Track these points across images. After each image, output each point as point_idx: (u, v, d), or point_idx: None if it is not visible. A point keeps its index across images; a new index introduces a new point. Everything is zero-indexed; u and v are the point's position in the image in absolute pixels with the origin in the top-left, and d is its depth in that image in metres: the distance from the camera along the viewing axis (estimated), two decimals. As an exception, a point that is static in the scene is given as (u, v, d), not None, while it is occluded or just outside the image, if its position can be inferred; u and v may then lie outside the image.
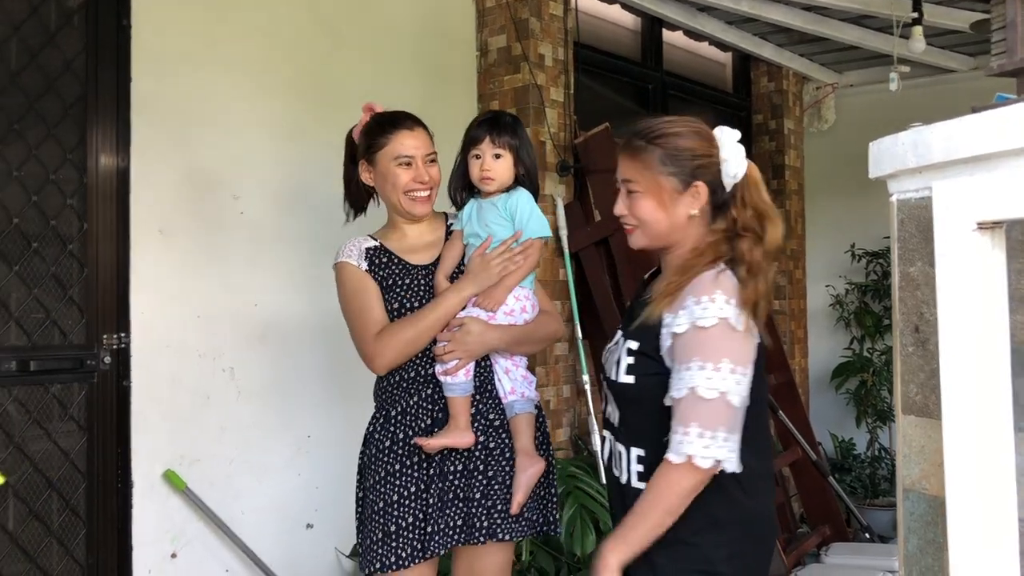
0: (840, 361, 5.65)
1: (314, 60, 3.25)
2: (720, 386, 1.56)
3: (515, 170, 2.12)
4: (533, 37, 3.74)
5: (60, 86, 2.64)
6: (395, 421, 2.14)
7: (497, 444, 2.13)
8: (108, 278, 2.70)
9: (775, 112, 5.58)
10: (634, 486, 1.68)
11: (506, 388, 2.15)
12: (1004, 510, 1.18)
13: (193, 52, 2.89)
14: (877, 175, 1.49)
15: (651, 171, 1.69)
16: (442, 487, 2.09)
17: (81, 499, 2.65)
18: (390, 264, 2.19)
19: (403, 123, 2.19)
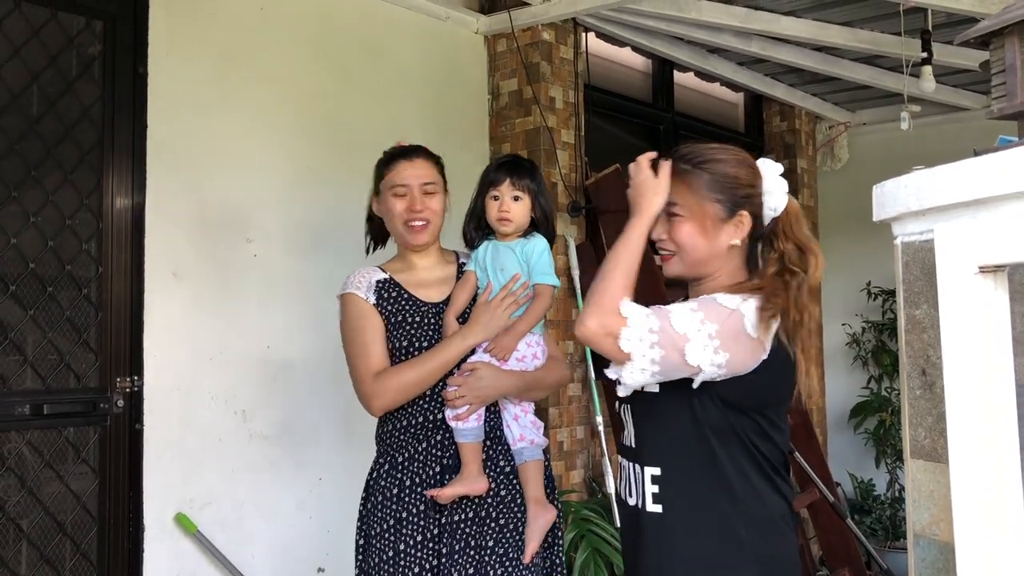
0: (858, 400, 5.60)
1: (326, 105, 3.30)
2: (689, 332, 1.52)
3: (532, 214, 2.13)
4: (544, 81, 3.78)
5: (77, 133, 2.68)
6: (402, 467, 2.10)
7: (508, 491, 2.10)
8: (122, 321, 2.72)
9: (788, 151, 5.59)
10: (648, 510, 1.64)
11: (515, 434, 2.13)
12: (1014, 556, 1.16)
13: (207, 98, 2.94)
14: (881, 218, 1.49)
15: (696, 195, 1.64)
16: (454, 535, 2.05)
17: (93, 543, 2.65)
18: (399, 299, 2.17)
19: (405, 154, 2.23)
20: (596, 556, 3.09)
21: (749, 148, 5.50)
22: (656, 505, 1.63)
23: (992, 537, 1.16)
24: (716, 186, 1.64)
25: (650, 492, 1.64)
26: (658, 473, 1.63)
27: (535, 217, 2.13)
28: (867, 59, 4.74)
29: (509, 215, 2.10)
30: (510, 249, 2.12)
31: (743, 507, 1.60)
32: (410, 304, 2.17)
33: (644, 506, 1.64)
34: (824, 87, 5.36)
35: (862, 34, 4.21)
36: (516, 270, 2.10)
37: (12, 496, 2.51)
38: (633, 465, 1.69)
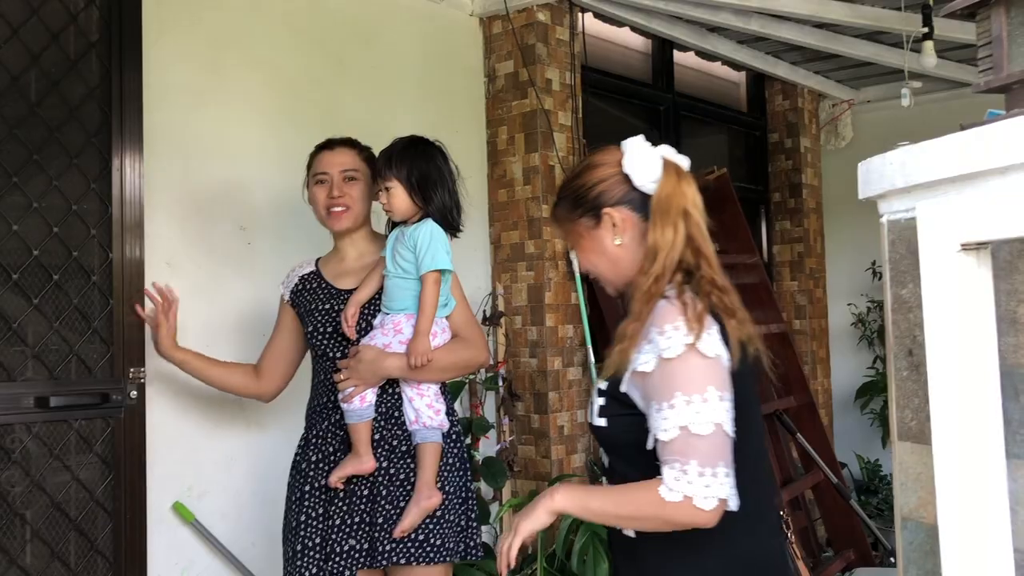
0: (864, 381, 5.57)
1: (320, 90, 3.28)
2: (714, 417, 1.45)
3: (412, 200, 2.17)
4: (540, 62, 3.74)
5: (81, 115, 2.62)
6: (311, 444, 2.27)
7: (400, 470, 2.18)
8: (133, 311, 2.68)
9: (791, 130, 5.54)
10: (626, 533, 1.61)
11: (410, 416, 2.20)
12: (998, 540, 1.14)
13: (199, 84, 2.92)
14: (867, 196, 1.46)
15: (570, 223, 1.67)
16: (347, 511, 2.17)
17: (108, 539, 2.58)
18: (317, 289, 2.34)
19: (328, 145, 2.37)
20: (595, 540, 3.08)
21: (751, 127, 5.50)
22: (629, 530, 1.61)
23: (975, 520, 1.14)
24: (571, 204, 1.65)
25: None
26: None
27: (417, 204, 2.18)
28: (869, 35, 4.68)
29: (386, 207, 2.20)
30: (408, 233, 2.18)
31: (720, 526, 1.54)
32: (324, 292, 2.32)
33: (622, 528, 1.62)
34: (827, 65, 5.30)
35: (863, 10, 4.15)
36: (406, 259, 2.16)
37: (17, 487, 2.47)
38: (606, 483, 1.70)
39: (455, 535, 2.21)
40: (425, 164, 2.20)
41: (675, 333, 1.48)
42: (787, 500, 4.06)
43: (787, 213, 5.54)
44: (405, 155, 2.19)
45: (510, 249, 3.80)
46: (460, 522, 2.24)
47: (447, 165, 2.26)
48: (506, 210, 3.81)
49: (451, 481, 2.25)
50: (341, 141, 2.38)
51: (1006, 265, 1.21)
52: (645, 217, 1.61)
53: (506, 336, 3.79)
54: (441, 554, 2.17)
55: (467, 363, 2.32)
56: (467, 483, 2.29)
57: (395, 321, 2.20)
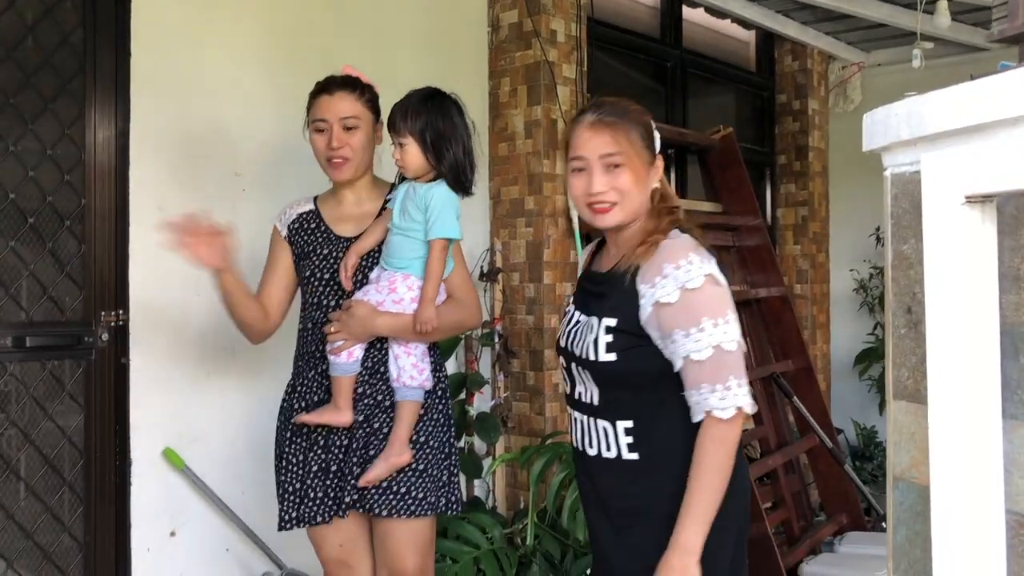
0: (863, 347, 5.54)
1: (318, 35, 3.21)
2: (736, 336, 1.66)
3: (427, 158, 2.10)
4: (545, 12, 3.66)
5: (57, 61, 2.60)
6: (298, 392, 2.27)
7: (383, 424, 2.17)
8: (106, 255, 2.67)
9: (799, 92, 5.46)
10: (626, 458, 1.74)
11: (393, 374, 2.17)
12: (990, 501, 1.11)
13: (193, 27, 2.86)
14: (871, 148, 1.42)
15: (633, 146, 1.74)
16: (324, 459, 2.18)
17: (79, 476, 2.65)
18: (316, 231, 2.28)
19: (327, 88, 2.26)
20: (587, 497, 3.07)
21: (759, 88, 5.42)
22: (633, 453, 1.74)
23: (968, 481, 1.11)
24: (642, 135, 1.76)
25: (625, 443, 1.74)
26: (631, 426, 1.73)
27: (430, 162, 2.11)
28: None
29: (399, 163, 2.14)
30: (415, 192, 2.12)
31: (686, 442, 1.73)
32: (324, 236, 2.26)
33: (621, 455, 1.75)
34: (837, 25, 5.20)
35: (877, -32, 4.06)
36: (415, 219, 2.11)
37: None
38: (595, 420, 1.77)
39: (436, 489, 2.21)
40: (441, 120, 2.12)
41: (691, 266, 1.66)
42: (782, 463, 4.05)
43: (792, 176, 5.48)
44: (421, 110, 2.10)
45: (509, 204, 3.76)
46: (442, 477, 2.22)
47: (463, 120, 2.16)
48: (506, 164, 3.76)
49: (435, 436, 2.23)
50: (341, 83, 2.26)
51: (1012, 220, 1.17)
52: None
53: (503, 292, 3.76)
54: (423, 507, 2.17)
55: (460, 325, 2.29)
56: (450, 439, 2.27)
57: (391, 279, 2.16)
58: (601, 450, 1.77)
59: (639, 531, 1.74)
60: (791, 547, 3.88)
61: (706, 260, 1.69)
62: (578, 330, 1.81)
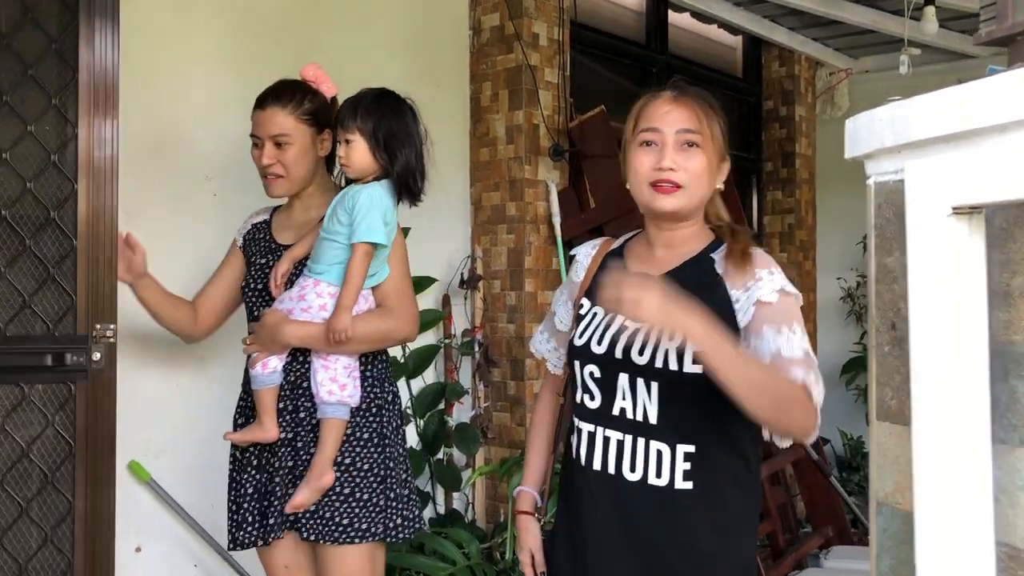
0: (851, 356, 5.49)
1: (296, 36, 3.14)
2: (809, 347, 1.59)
3: (375, 157, 2.00)
4: (527, 16, 3.60)
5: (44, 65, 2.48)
6: (239, 409, 2.22)
7: (308, 443, 2.06)
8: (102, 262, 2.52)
9: (786, 98, 5.41)
10: (679, 487, 1.59)
11: (314, 388, 2.05)
12: (979, 531, 1.05)
13: (164, 26, 2.78)
14: (853, 155, 1.35)
15: (712, 131, 1.66)
16: (258, 480, 2.12)
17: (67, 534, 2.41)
18: (263, 241, 2.23)
19: (260, 102, 2.18)
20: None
21: (746, 94, 5.37)
22: (688, 482, 1.60)
23: (955, 509, 1.05)
24: (721, 127, 1.68)
25: (682, 469, 1.60)
26: (692, 450, 1.60)
27: (379, 162, 2.02)
28: (869, 1, 4.54)
29: (344, 161, 2.02)
30: (350, 194, 2.01)
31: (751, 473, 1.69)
32: (266, 246, 2.21)
33: (674, 483, 1.60)
34: (825, 31, 5.16)
35: (865, -27, 4.01)
36: (340, 222, 2.00)
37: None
38: (648, 441, 1.61)
39: (368, 515, 2.05)
40: (395, 121, 2.03)
41: (780, 275, 1.63)
42: (767, 475, 3.99)
43: (779, 183, 5.43)
44: (373, 108, 2.01)
45: (490, 211, 3.69)
46: (378, 502, 2.07)
47: (416, 126, 2.08)
48: (487, 170, 3.69)
49: (364, 458, 2.07)
50: (275, 96, 2.15)
51: (1001, 233, 1.10)
52: None
53: (484, 300, 3.69)
54: (349, 534, 2.03)
55: (386, 336, 2.10)
56: (386, 460, 2.10)
57: (303, 285, 2.05)
58: (649, 476, 1.60)
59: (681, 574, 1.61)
60: (776, 560, 3.81)
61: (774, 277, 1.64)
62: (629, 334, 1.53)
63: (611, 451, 1.64)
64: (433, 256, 3.61)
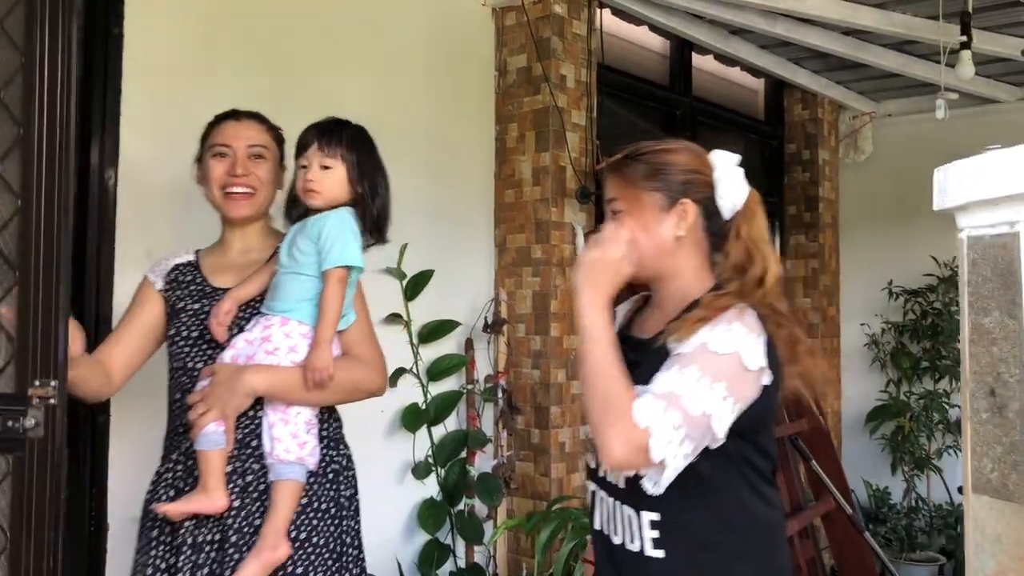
0: (875, 404, 5.36)
1: (318, 77, 3.07)
2: (707, 407, 1.39)
3: (351, 188, 1.82)
4: (555, 57, 3.54)
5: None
6: (164, 480, 1.85)
7: (256, 513, 1.76)
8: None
9: (809, 142, 5.35)
10: (648, 555, 1.51)
11: (266, 446, 1.77)
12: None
13: (186, 64, 2.72)
14: (944, 207, 1.26)
15: (634, 187, 1.55)
16: (196, 561, 1.75)
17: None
18: (191, 284, 1.93)
19: (232, 114, 1.98)
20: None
21: (768, 137, 5.31)
22: (659, 550, 1.51)
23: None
24: (653, 174, 1.56)
25: (649, 537, 1.52)
26: (657, 519, 1.51)
27: (356, 193, 1.82)
28: (896, 45, 4.49)
29: (316, 185, 1.80)
30: (311, 222, 1.81)
31: (742, 534, 1.53)
32: (198, 290, 1.92)
33: (644, 551, 1.53)
34: (849, 75, 5.10)
35: (895, 17, 3.95)
36: (305, 253, 1.78)
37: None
38: (621, 505, 1.56)
39: None
40: (372, 156, 1.88)
41: (727, 331, 1.44)
42: (798, 530, 3.85)
43: (802, 227, 5.34)
44: (357, 138, 1.85)
45: (515, 253, 3.60)
46: None
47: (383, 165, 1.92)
48: (513, 211, 3.61)
49: (321, 532, 1.81)
50: (249, 113, 1.99)
51: None
52: (706, 227, 1.57)
53: (508, 345, 3.59)
54: None
55: (357, 386, 1.86)
56: (342, 534, 1.85)
57: (266, 324, 1.80)
58: (625, 540, 1.55)
59: None
60: (807, 619, 3.67)
61: (750, 337, 1.44)
62: None
63: (604, 512, 1.61)
64: (456, 299, 3.52)
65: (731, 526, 1.51)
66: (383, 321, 3.28)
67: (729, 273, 1.54)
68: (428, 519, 3.29)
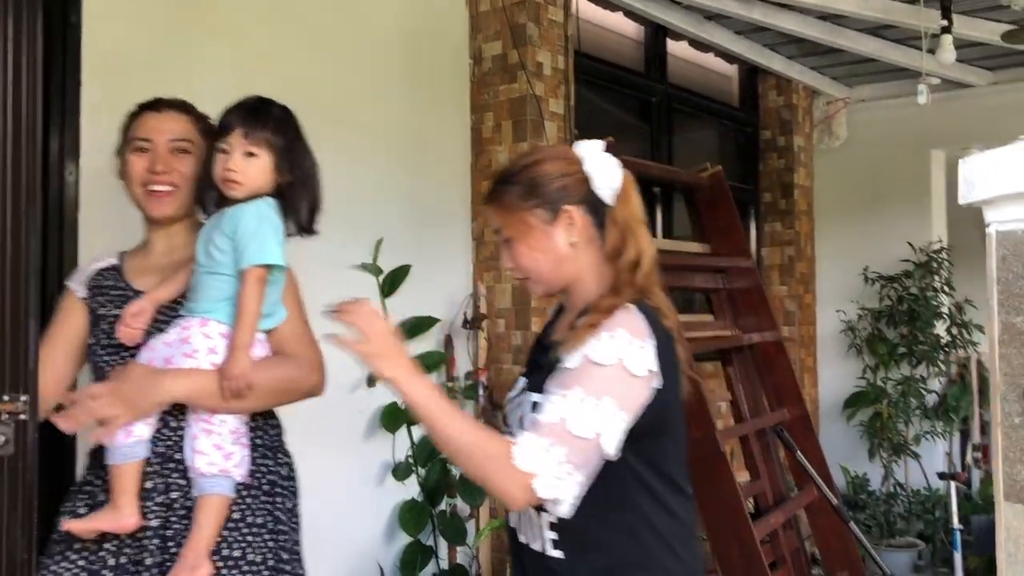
0: (853, 391, 5.36)
1: (289, 67, 2.96)
2: (597, 426, 1.39)
3: (276, 177, 1.66)
4: (531, 44, 3.45)
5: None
6: (82, 493, 1.71)
7: (179, 533, 1.62)
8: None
9: (784, 128, 5.31)
10: (549, 555, 1.52)
11: (187, 459, 1.63)
12: None
13: (152, 55, 2.60)
14: (970, 200, 1.19)
15: (515, 211, 1.55)
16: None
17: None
18: (113, 289, 1.78)
19: (153, 105, 1.82)
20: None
21: (743, 124, 5.26)
22: (558, 551, 1.52)
23: None
24: (528, 193, 1.54)
25: (549, 538, 1.53)
26: (555, 521, 1.51)
27: (282, 184, 1.68)
28: (873, 30, 4.46)
29: (237, 176, 1.64)
30: (227, 215, 1.65)
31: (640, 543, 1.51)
32: (119, 295, 1.77)
33: (545, 550, 1.54)
34: (823, 60, 5.08)
35: (874, 2, 3.91)
36: (221, 250, 1.63)
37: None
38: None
39: None
40: (302, 139, 1.72)
41: (611, 340, 1.44)
42: (782, 522, 3.82)
43: (778, 214, 5.32)
44: (286, 123, 1.70)
45: (494, 246, 3.51)
46: None
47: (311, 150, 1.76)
48: (490, 204, 3.52)
49: (256, 547, 1.67)
50: (171, 103, 1.83)
51: None
52: (595, 223, 1.56)
53: (488, 341, 3.51)
54: None
55: (289, 387, 1.73)
56: (279, 551, 1.71)
57: (184, 326, 1.66)
58: (530, 540, 1.55)
59: None
60: (793, 610, 3.64)
61: (634, 343, 1.43)
62: (516, 401, 1.60)
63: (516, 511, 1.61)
64: (434, 294, 3.43)
65: (629, 533, 1.50)
66: (360, 319, 3.19)
67: (609, 259, 1.54)
68: (409, 520, 3.21)
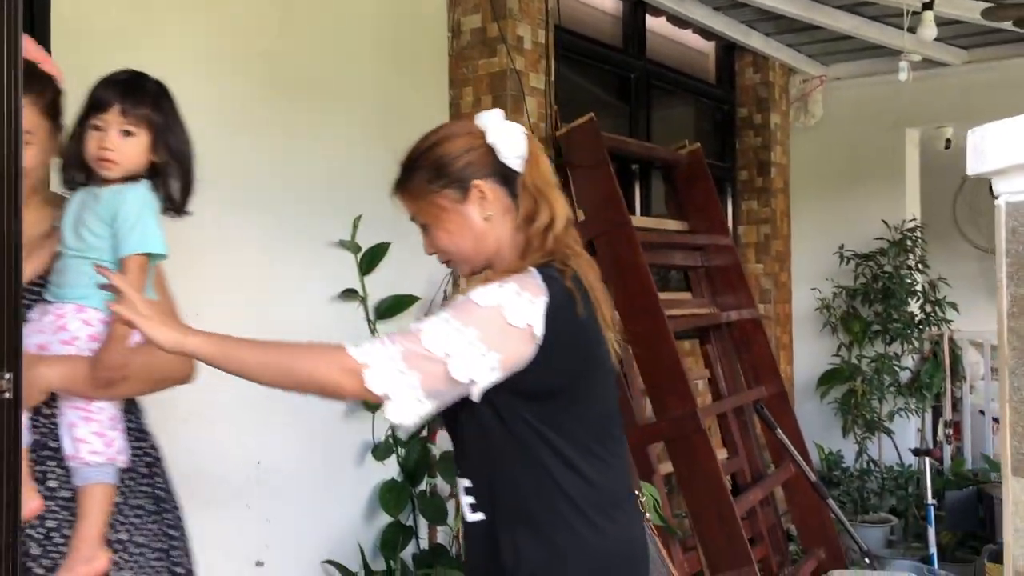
0: (827, 368, 5.40)
1: (264, 39, 2.89)
2: (449, 349, 1.39)
3: (151, 157, 1.59)
4: (511, 17, 3.40)
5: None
6: None
7: (60, 522, 1.57)
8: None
9: (761, 106, 5.30)
10: (470, 519, 1.56)
11: (67, 448, 1.56)
12: None
13: (124, 27, 2.52)
14: (979, 171, 1.17)
15: (425, 196, 1.55)
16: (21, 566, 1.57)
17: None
18: None
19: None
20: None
21: (720, 101, 5.24)
22: (476, 514, 1.55)
23: None
24: (435, 175, 1.54)
25: (467, 502, 1.56)
26: (470, 485, 1.56)
27: (157, 163, 1.60)
28: (851, 7, 4.45)
29: (113, 155, 1.55)
30: (104, 198, 1.57)
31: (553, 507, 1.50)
32: None
33: (466, 515, 1.57)
34: (800, 37, 5.07)
35: (853, -23, 3.90)
36: (96, 234, 1.55)
37: None
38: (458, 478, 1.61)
39: None
40: (178, 116, 1.65)
41: (498, 288, 1.44)
42: (761, 499, 3.84)
43: (754, 192, 5.31)
44: (163, 101, 1.62)
45: (473, 223, 3.47)
46: None
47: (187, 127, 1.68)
48: (469, 181, 3.47)
49: (142, 529, 1.65)
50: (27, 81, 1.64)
51: None
52: (508, 193, 1.55)
53: (467, 319, 3.47)
54: None
55: (163, 375, 1.70)
56: (166, 528, 1.70)
57: (58, 312, 1.59)
58: (464, 512, 1.58)
59: None
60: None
61: (523, 296, 1.42)
62: None
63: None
64: (413, 272, 3.37)
65: (538, 495, 1.49)
66: (338, 297, 3.13)
67: (523, 225, 1.53)
68: (389, 501, 3.17)
